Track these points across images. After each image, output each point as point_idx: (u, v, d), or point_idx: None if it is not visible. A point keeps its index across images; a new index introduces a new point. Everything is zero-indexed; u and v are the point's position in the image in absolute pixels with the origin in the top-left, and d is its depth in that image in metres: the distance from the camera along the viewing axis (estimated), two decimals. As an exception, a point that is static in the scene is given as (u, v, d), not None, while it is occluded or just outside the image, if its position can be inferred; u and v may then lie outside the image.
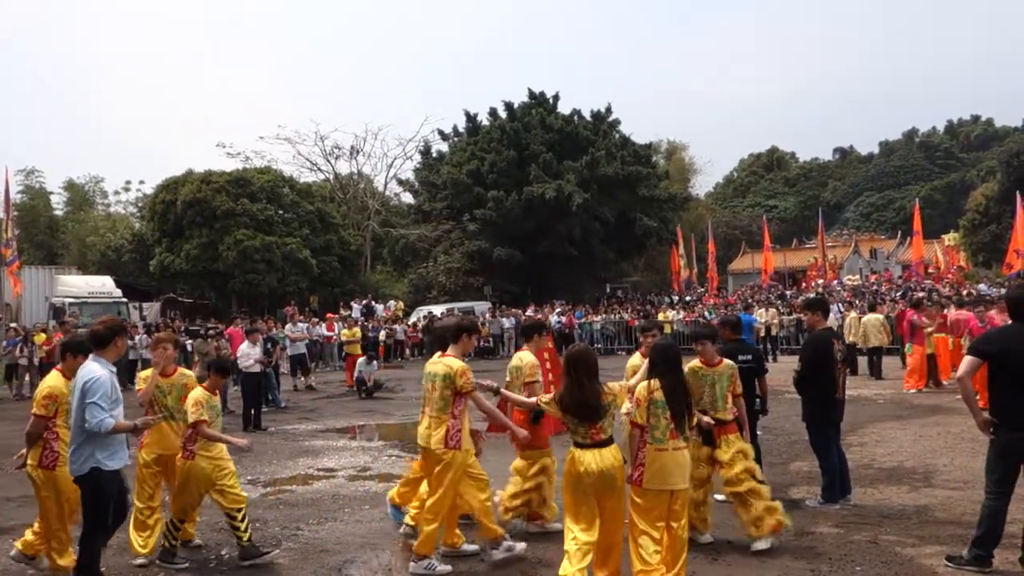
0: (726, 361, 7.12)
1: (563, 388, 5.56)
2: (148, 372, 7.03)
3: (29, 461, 6.17)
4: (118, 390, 5.66)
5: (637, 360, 7.45)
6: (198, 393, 6.61)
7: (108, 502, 5.62)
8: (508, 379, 7.29)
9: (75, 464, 5.54)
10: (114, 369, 5.71)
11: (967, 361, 5.92)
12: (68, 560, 6.10)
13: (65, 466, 5.81)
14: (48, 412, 6.09)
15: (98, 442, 5.48)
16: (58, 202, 51.43)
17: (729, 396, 7.06)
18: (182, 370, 7.30)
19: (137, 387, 7.19)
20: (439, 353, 6.69)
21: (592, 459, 5.34)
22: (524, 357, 7.31)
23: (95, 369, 5.57)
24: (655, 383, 5.54)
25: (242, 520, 6.48)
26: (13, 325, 22.71)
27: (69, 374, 6.08)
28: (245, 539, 6.48)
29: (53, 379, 6.27)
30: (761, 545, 6.50)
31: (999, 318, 12.64)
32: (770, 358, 22.78)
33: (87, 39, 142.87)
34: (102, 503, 5.59)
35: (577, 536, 5.31)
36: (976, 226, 42.49)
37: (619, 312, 31.63)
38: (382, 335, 27.20)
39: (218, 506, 6.61)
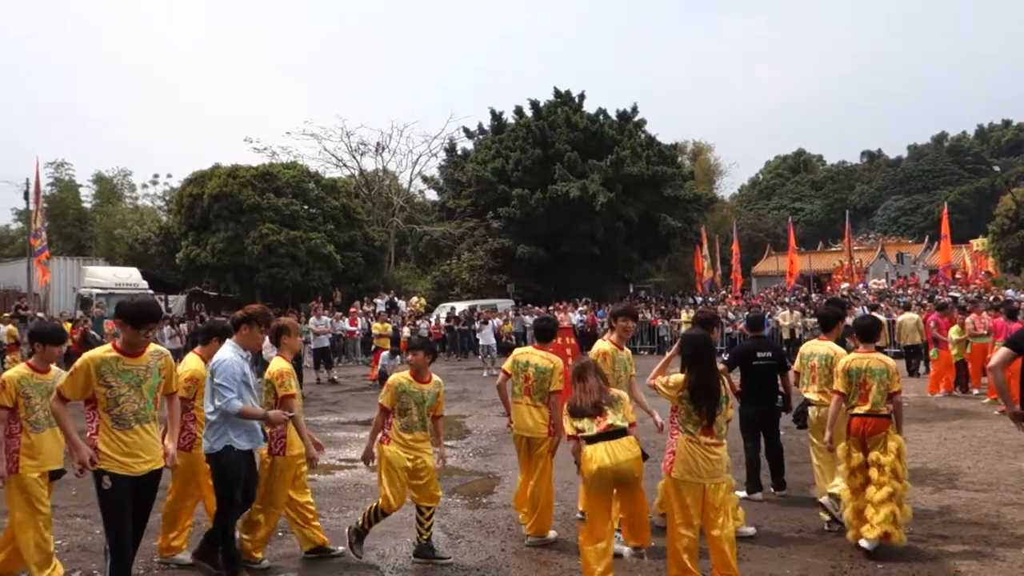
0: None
1: (579, 386, 5.72)
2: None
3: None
4: (249, 375, 5.78)
5: (606, 346, 7.00)
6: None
7: (236, 481, 5.71)
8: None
9: (208, 442, 5.72)
10: (246, 354, 5.87)
11: (1000, 352, 5.85)
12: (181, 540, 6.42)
13: (200, 447, 5.96)
14: (189, 394, 6.21)
15: (231, 422, 5.64)
16: (87, 195, 52.10)
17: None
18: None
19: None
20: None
21: (604, 451, 5.35)
22: (603, 347, 7.12)
23: (225, 352, 5.79)
24: (684, 378, 5.49)
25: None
26: (40, 315, 23.00)
27: (207, 357, 6.21)
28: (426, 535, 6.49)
29: (193, 362, 6.42)
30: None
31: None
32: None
33: (118, 34, 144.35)
34: (231, 482, 5.70)
35: (595, 537, 5.39)
36: (1005, 231, 41.93)
37: (642, 312, 31.56)
38: (405, 331, 27.29)
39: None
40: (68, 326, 21.29)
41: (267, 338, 15.56)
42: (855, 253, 46.64)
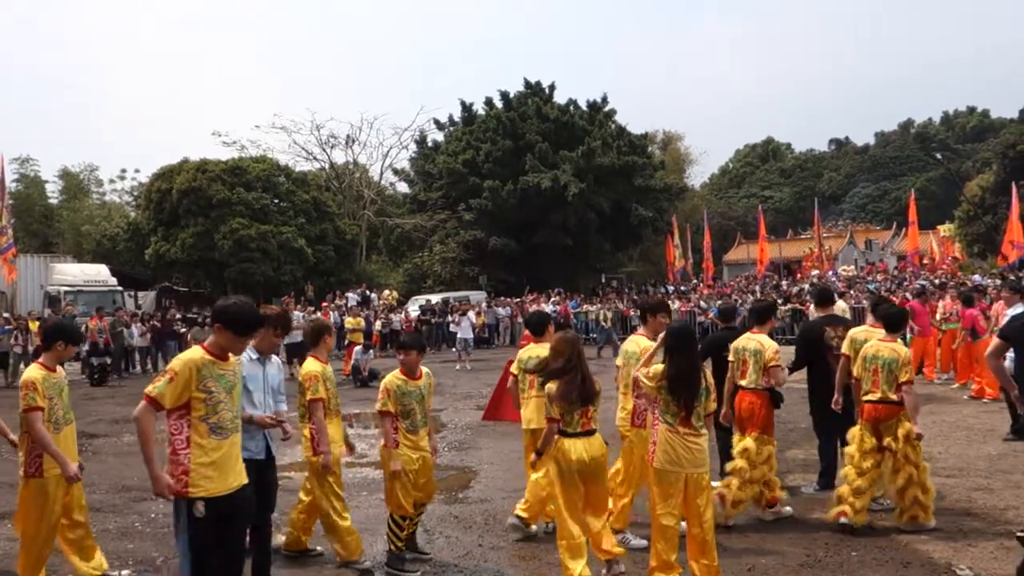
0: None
1: (567, 378, 5.60)
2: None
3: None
4: (259, 378, 5.59)
5: (646, 342, 6.69)
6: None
7: None
8: (621, 363, 6.92)
9: None
10: (257, 357, 5.60)
11: (994, 342, 6.08)
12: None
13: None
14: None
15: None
16: (53, 191, 51.46)
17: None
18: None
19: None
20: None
21: (583, 447, 5.51)
22: (642, 342, 6.73)
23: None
24: (664, 368, 5.49)
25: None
26: (6, 314, 22.66)
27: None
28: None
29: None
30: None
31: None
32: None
33: (82, 27, 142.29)
34: None
35: (571, 532, 5.47)
36: (971, 217, 42.55)
37: (615, 302, 31.63)
38: (378, 324, 27.20)
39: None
40: (35, 325, 21.01)
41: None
42: (824, 240, 47.10)
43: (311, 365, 6.25)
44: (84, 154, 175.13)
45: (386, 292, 35.26)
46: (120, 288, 30.10)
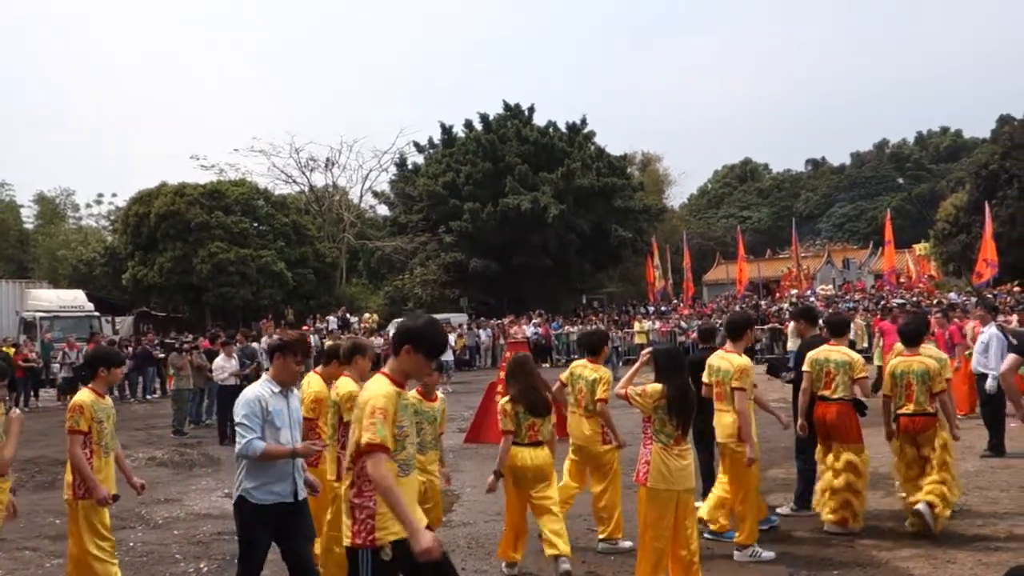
0: None
1: (518, 388, 6.26)
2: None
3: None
4: (281, 411, 4.90)
5: (739, 359, 6.81)
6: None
7: (252, 542, 4.84)
8: (712, 380, 6.99)
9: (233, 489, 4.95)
10: (277, 389, 4.93)
11: (1009, 359, 6.33)
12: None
13: (325, 463, 5.95)
14: (315, 415, 6.31)
15: (250, 468, 4.76)
16: (28, 215, 51.21)
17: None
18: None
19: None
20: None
21: (528, 456, 6.12)
22: (734, 360, 6.85)
23: (252, 386, 4.99)
24: (662, 388, 5.53)
25: None
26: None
27: (328, 378, 6.41)
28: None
29: (317, 383, 6.51)
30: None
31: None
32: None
33: (57, 50, 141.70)
34: (246, 541, 4.85)
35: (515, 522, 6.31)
36: (946, 236, 43.05)
37: (595, 323, 31.69)
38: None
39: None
40: (11, 351, 20.82)
41: (221, 356, 15.21)
42: (802, 260, 47.50)
43: (347, 385, 5.94)
44: (60, 179, 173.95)
45: (366, 315, 35.17)
46: (97, 314, 29.82)
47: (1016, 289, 31.77)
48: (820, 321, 8.99)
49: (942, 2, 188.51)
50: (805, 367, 7.43)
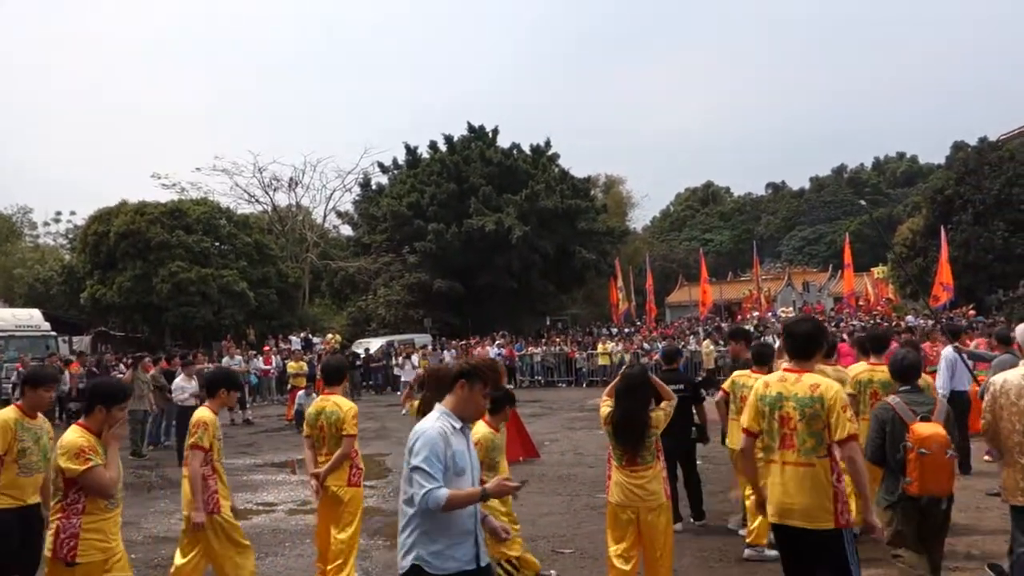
0: None
1: (425, 397, 6.17)
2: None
3: (333, 482, 6.38)
4: (464, 453, 3.88)
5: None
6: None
7: None
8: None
9: (399, 555, 3.89)
10: (459, 425, 3.93)
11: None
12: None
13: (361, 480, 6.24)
14: (357, 431, 6.48)
15: (429, 526, 3.77)
16: (-17, 233, 50.06)
17: None
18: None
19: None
20: None
21: None
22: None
23: (428, 419, 3.94)
24: (609, 412, 5.66)
25: None
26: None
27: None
28: None
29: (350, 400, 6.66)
30: None
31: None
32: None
33: (16, 64, 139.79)
34: None
35: None
36: (904, 259, 43.80)
37: (559, 344, 31.77)
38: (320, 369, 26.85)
39: None
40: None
41: (181, 376, 15.01)
42: (763, 282, 47.97)
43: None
44: (16, 196, 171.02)
45: (329, 336, 34.91)
46: (53, 333, 29.28)
47: (971, 313, 32.34)
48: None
49: (899, 33, 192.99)
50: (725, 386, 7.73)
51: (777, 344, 8.81)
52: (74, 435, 4.73)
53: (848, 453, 4.32)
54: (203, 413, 5.97)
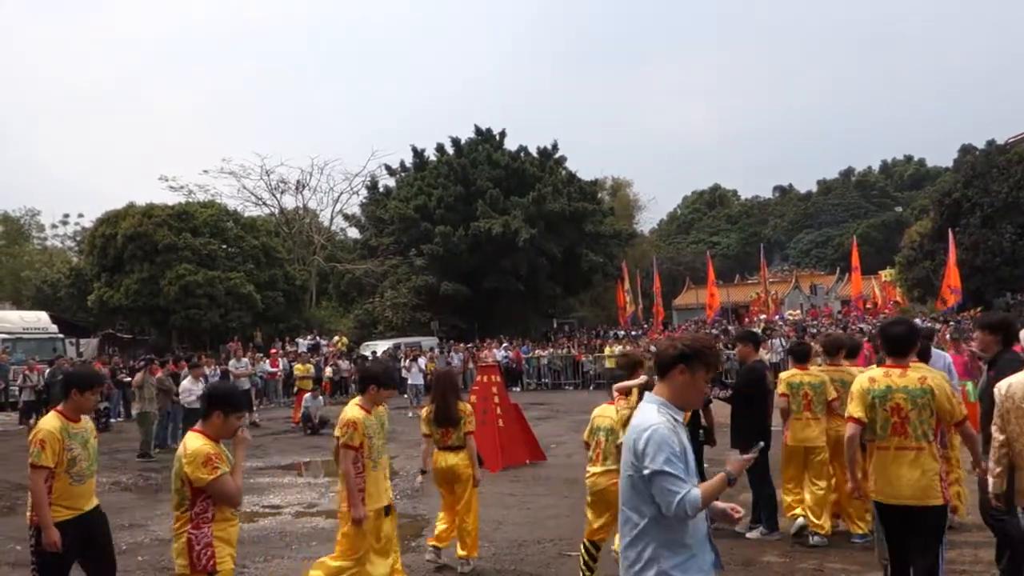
0: None
1: (432, 400, 7.20)
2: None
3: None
4: (687, 449, 3.32)
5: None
6: None
7: None
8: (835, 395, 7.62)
9: (629, 571, 3.33)
10: (677, 416, 3.38)
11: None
12: None
13: None
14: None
15: (668, 536, 3.26)
16: (-8, 235, 50.27)
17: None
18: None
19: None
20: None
21: (442, 458, 7.09)
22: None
23: (649, 413, 3.34)
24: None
25: None
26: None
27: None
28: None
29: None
30: None
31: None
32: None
33: (25, 68, 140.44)
34: None
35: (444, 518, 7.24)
36: (911, 263, 43.67)
37: (566, 346, 31.74)
38: (328, 371, 26.86)
39: None
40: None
41: (188, 379, 14.99)
42: (771, 285, 47.89)
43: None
44: (25, 198, 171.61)
45: (336, 338, 34.94)
46: (61, 335, 29.37)
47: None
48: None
49: (907, 34, 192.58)
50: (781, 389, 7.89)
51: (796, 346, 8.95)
52: (198, 443, 4.54)
53: (965, 431, 5.18)
54: (353, 412, 5.98)
